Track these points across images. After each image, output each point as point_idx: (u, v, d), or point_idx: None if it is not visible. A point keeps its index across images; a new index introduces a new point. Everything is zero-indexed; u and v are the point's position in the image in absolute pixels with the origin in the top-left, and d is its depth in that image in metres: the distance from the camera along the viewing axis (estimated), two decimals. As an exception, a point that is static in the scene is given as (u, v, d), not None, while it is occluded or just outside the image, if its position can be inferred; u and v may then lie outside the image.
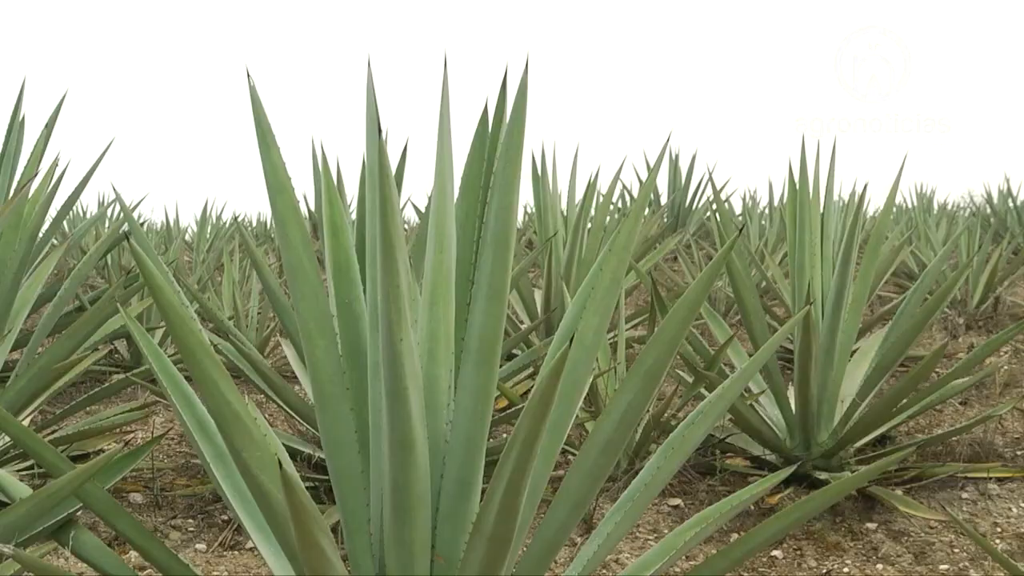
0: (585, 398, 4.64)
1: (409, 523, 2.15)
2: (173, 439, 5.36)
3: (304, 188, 14.87)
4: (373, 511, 2.28)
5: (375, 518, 2.28)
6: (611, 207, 10.56)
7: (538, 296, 7.25)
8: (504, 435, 4.92)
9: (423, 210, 6.64)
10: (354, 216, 3.19)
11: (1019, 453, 5.39)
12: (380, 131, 1.98)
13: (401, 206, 8.26)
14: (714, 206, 7.68)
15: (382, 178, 1.92)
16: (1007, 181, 14.42)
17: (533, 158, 7.90)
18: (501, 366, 5.07)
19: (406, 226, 12.07)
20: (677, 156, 13.81)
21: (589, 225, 7.63)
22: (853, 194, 6.20)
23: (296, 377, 5.45)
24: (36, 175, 4.57)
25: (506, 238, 2.19)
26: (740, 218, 12.43)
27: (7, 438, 4.20)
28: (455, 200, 2.27)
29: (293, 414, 4.80)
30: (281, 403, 4.71)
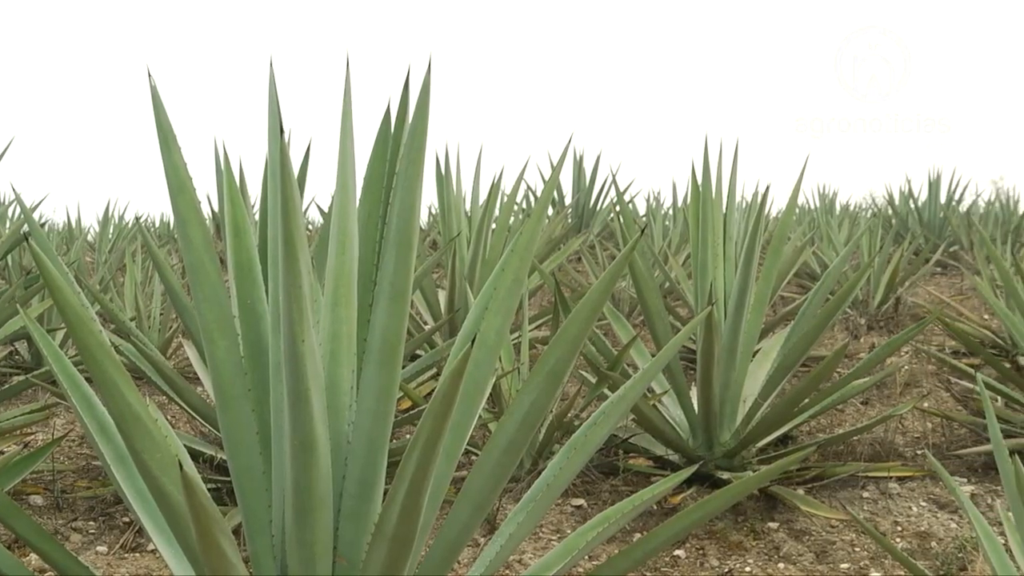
0: (488, 398, 4.67)
1: (311, 524, 2.17)
2: (74, 441, 5.31)
3: (208, 188, 14.74)
4: (275, 512, 2.29)
5: (277, 519, 2.29)
6: (515, 207, 10.60)
7: (442, 297, 7.27)
8: (407, 436, 4.93)
9: (327, 210, 6.64)
10: (258, 217, 3.19)
11: (919, 452, 5.49)
12: (282, 131, 2.00)
13: (305, 207, 8.22)
14: (618, 207, 7.73)
15: (284, 178, 1.93)
16: (908, 182, 14.64)
17: (437, 158, 7.92)
18: (404, 367, 5.08)
19: (310, 227, 12.02)
20: (581, 157, 13.86)
21: (493, 225, 7.65)
22: (756, 195, 6.28)
23: (199, 378, 5.42)
24: (-72, 174, 4.51)
25: (408, 238, 2.21)
26: (644, 219, 12.51)
27: None
28: (357, 200, 2.28)
29: (195, 415, 4.78)
30: (183, 404, 4.69)
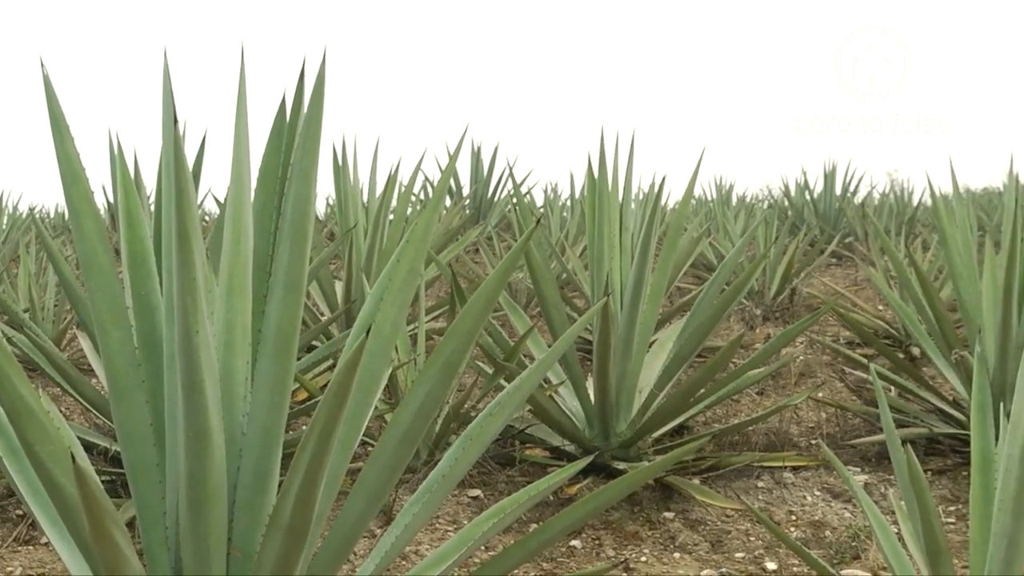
0: (385, 389, 4.69)
1: (205, 516, 2.17)
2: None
3: (104, 179, 14.55)
4: (169, 504, 2.29)
5: (171, 511, 2.29)
6: (413, 198, 10.60)
7: (339, 288, 7.25)
8: (304, 427, 4.93)
9: (224, 201, 6.60)
10: (153, 207, 3.17)
11: (814, 442, 5.59)
12: (176, 121, 2.00)
13: (201, 198, 8.14)
14: (515, 198, 7.77)
15: (178, 169, 1.94)
16: (804, 174, 14.83)
17: (334, 149, 7.90)
18: (301, 358, 5.08)
19: (207, 218, 11.93)
20: (479, 148, 13.86)
21: (391, 216, 7.65)
22: (652, 186, 6.35)
23: (93, 370, 5.37)
24: None
25: (303, 229, 2.23)
26: (542, 210, 12.57)
27: None
28: (252, 191, 2.29)
29: (90, 407, 4.75)
30: (77, 396, 4.65)
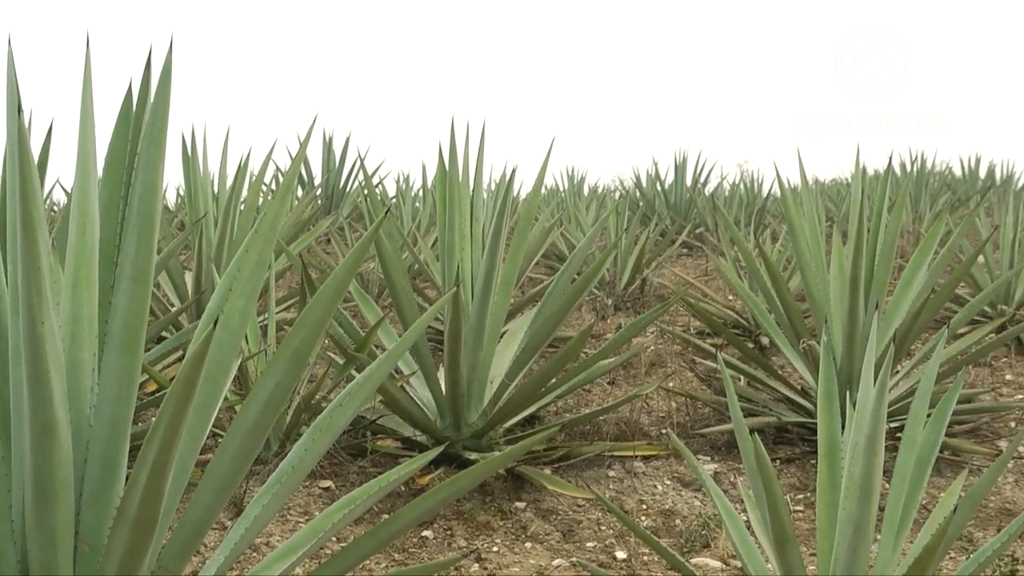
0: (236, 380, 4.68)
1: (51, 509, 2.17)
2: None
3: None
4: (15, 498, 2.27)
5: (17, 505, 2.27)
6: (264, 188, 10.53)
7: (189, 278, 7.19)
8: (153, 419, 4.90)
9: (71, 191, 6.48)
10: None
11: (664, 431, 5.68)
12: (21, 110, 2.00)
13: (48, 187, 8.00)
14: (366, 189, 7.76)
15: (22, 158, 1.94)
16: (655, 165, 15.01)
17: (183, 138, 7.82)
18: (150, 349, 5.04)
19: (55, 208, 11.70)
20: (331, 138, 13.81)
21: (242, 206, 7.61)
22: (504, 176, 6.40)
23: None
24: None
25: (150, 220, 2.22)
26: (394, 200, 12.57)
27: None
28: (99, 181, 2.28)
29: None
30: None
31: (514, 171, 5.34)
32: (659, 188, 14.73)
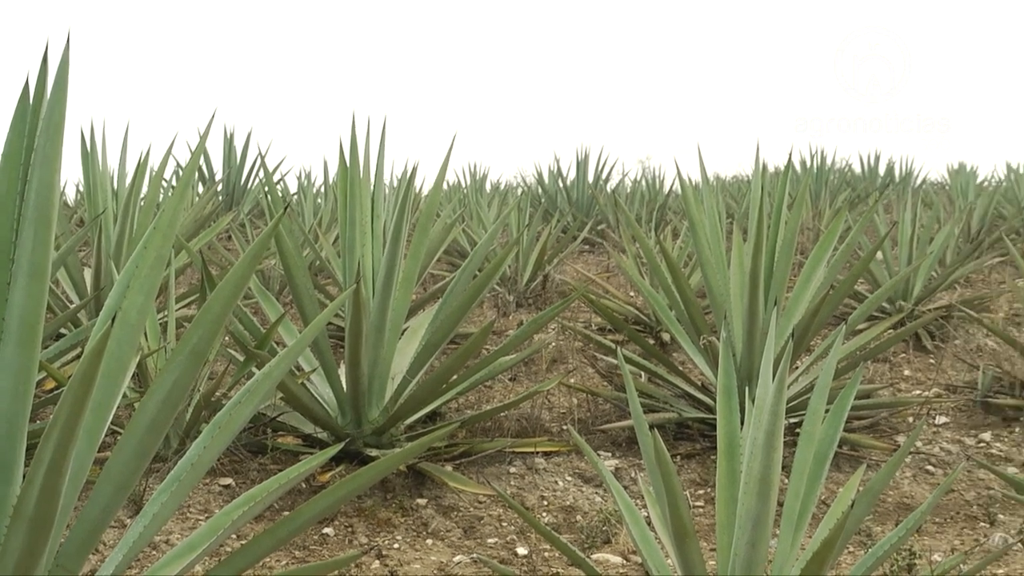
0: (135, 378, 4.66)
1: (-54, 508, 2.15)
2: None
3: None
4: (-92, 498, 2.26)
5: (-91, 505, 2.26)
6: (164, 184, 10.45)
7: (88, 275, 7.12)
8: (51, 416, 4.85)
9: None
10: None
11: (565, 428, 5.72)
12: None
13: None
14: (267, 186, 7.73)
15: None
16: (557, 161, 15.05)
17: (82, 134, 7.74)
18: (48, 346, 4.99)
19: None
20: (232, 135, 13.70)
21: (142, 203, 7.55)
22: (405, 173, 6.41)
23: None
24: None
25: (47, 216, 2.22)
26: (295, 197, 12.52)
27: None
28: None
29: None
30: None
31: (415, 168, 5.36)
32: (561, 185, 14.79)
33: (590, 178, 14.49)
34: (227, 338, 5.20)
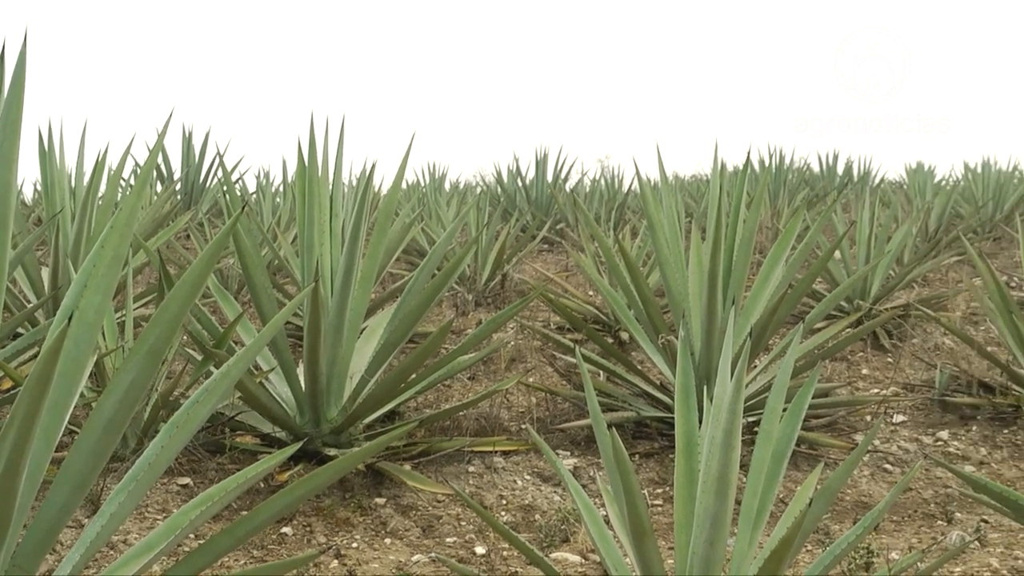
0: (93, 377, 4.64)
1: (-99, 508, 2.15)
2: None
3: None
4: None
5: None
6: (123, 183, 10.40)
7: (45, 274, 7.09)
8: (7, 416, 4.83)
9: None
10: None
11: (524, 427, 5.73)
12: None
13: None
14: (225, 185, 7.71)
15: None
16: (516, 160, 15.05)
17: (40, 133, 7.70)
18: (5, 346, 4.97)
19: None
20: (191, 133, 13.64)
21: (100, 202, 7.51)
22: (363, 171, 6.40)
23: None
24: None
25: (4, 214, 2.22)
26: (254, 196, 12.48)
27: None
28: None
29: None
30: None
31: (374, 166, 5.35)
32: (520, 184, 14.80)
33: (549, 177, 14.51)
34: (185, 337, 5.18)
